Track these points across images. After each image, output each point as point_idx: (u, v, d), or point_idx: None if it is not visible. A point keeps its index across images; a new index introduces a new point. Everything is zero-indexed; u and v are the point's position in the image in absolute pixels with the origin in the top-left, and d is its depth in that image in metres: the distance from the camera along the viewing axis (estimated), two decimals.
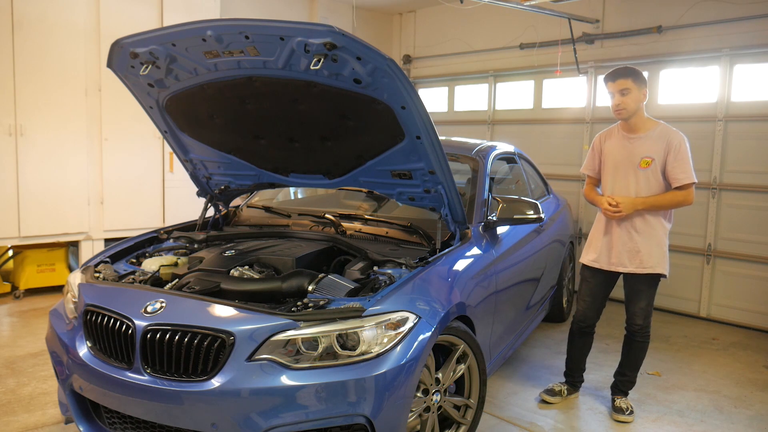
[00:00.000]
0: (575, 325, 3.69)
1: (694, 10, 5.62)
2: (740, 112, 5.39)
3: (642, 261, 3.39)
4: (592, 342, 3.75)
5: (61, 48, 5.50)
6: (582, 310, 3.63)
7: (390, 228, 3.39)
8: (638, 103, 3.34)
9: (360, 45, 2.42)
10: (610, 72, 3.38)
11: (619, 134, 3.49)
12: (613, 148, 3.48)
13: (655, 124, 3.41)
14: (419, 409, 2.69)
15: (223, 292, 2.67)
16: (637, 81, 3.32)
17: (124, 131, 5.91)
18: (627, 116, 3.37)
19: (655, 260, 3.38)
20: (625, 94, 3.32)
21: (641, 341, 3.54)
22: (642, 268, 3.40)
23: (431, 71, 8.14)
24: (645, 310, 3.47)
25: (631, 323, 3.53)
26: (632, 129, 3.42)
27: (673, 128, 3.39)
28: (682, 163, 3.30)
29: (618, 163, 3.44)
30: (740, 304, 5.47)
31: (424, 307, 2.60)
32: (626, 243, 3.41)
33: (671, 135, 3.34)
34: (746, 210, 5.40)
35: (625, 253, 3.41)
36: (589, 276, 3.60)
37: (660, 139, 3.35)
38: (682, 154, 3.30)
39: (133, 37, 2.80)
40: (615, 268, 3.46)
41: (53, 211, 5.58)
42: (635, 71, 3.32)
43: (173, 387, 2.35)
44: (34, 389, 3.68)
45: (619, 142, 3.47)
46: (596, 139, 3.62)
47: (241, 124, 3.15)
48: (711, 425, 3.51)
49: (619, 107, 3.35)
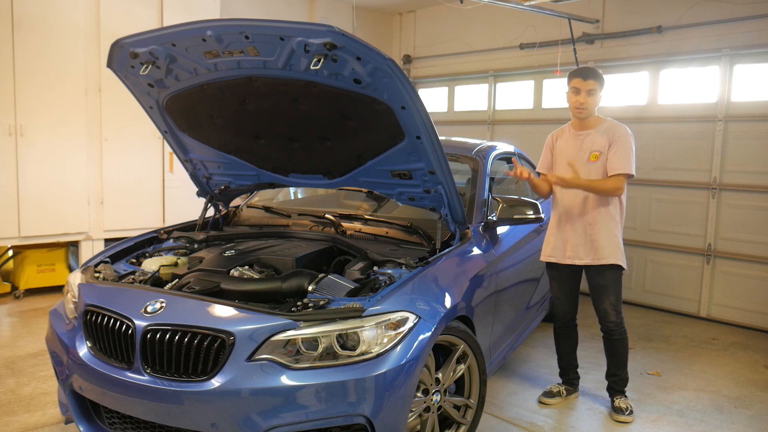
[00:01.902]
0: (557, 322, 3.77)
1: (694, 10, 5.62)
2: (740, 112, 5.39)
3: (597, 252, 3.45)
4: (576, 336, 3.80)
5: (61, 48, 5.50)
6: (559, 306, 3.71)
7: (390, 228, 3.39)
8: (597, 105, 3.48)
9: (360, 45, 2.42)
10: (581, 69, 3.48)
11: (570, 132, 3.60)
12: (565, 146, 3.58)
13: (603, 120, 3.54)
14: (419, 409, 2.69)
15: (223, 292, 2.67)
16: (601, 84, 3.46)
17: (124, 131, 5.91)
18: (586, 116, 3.48)
19: (609, 251, 3.44)
20: (590, 95, 3.44)
21: (619, 338, 3.57)
22: (597, 260, 3.46)
23: (431, 71, 8.14)
24: (614, 305, 3.51)
25: (605, 321, 3.55)
26: (583, 126, 3.54)
27: (619, 123, 3.51)
28: (620, 154, 3.39)
29: (570, 159, 3.50)
30: (740, 304, 5.47)
31: (424, 307, 2.60)
32: (580, 236, 3.48)
33: (616, 128, 3.47)
34: (746, 210, 5.40)
35: (580, 246, 3.48)
36: (554, 273, 3.67)
37: (606, 132, 3.47)
38: (624, 146, 3.40)
39: (133, 37, 2.80)
40: (572, 261, 3.53)
41: (53, 211, 5.58)
42: (602, 75, 3.47)
43: (173, 387, 2.35)
44: (34, 389, 3.68)
45: (570, 139, 3.58)
46: (549, 137, 3.72)
47: (241, 124, 3.15)
48: (711, 425, 3.51)
49: (582, 106, 3.45)
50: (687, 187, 5.73)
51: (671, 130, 5.79)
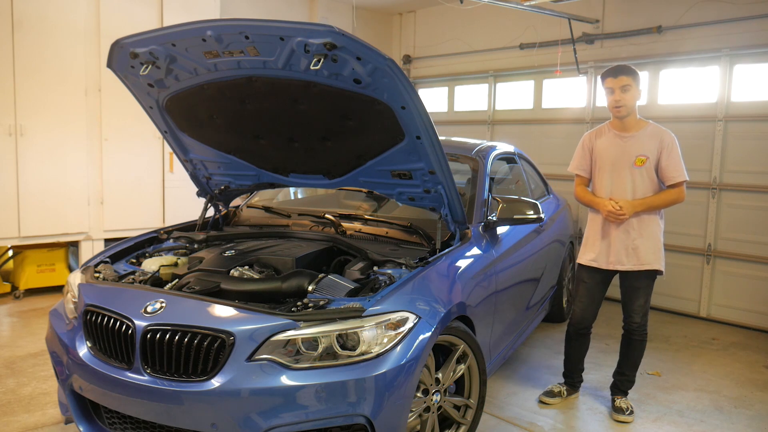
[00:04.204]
0: (572, 327, 3.69)
1: (694, 10, 5.62)
2: (740, 112, 5.39)
3: (639, 258, 3.41)
4: (589, 342, 3.76)
5: (61, 48, 5.50)
6: (579, 311, 3.64)
7: (390, 228, 3.39)
8: (635, 101, 3.39)
9: (360, 45, 2.42)
10: (612, 68, 3.40)
11: (611, 133, 3.51)
12: (607, 147, 3.49)
13: (646, 123, 3.47)
14: (419, 409, 2.69)
15: (223, 292, 2.67)
16: (636, 79, 3.37)
17: (124, 131, 5.91)
18: (626, 114, 3.40)
19: (652, 257, 3.41)
20: (625, 91, 3.35)
21: (639, 339, 3.55)
22: (640, 265, 3.42)
23: (431, 71, 8.14)
24: (643, 307, 3.49)
25: (630, 321, 3.53)
26: (625, 128, 3.45)
27: (664, 128, 3.44)
28: (674, 162, 3.35)
29: (613, 161, 3.45)
30: (740, 304, 5.47)
31: (424, 307, 2.60)
32: (624, 241, 3.42)
33: (663, 134, 3.40)
34: (746, 210, 5.40)
35: (623, 251, 3.43)
36: (587, 276, 3.60)
37: (653, 137, 3.39)
38: (675, 152, 3.36)
39: (133, 37, 2.80)
40: (613, 266, 3.47)
41: (53, 211, 5.58)
42: (634, 70, 3.38)
43: (173, 387, 2.35)
44: (34, 389, 3.68)
45: (611, 140, 3.48)
46: (586, 137, 3.62)
47: (241, 124, 3.15)
48: (711, 425, 3.51)
49: (619, 103, 3.37)
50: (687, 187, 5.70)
51: (671, 129, 5.76)
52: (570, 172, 3.71)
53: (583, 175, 3.62)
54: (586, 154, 3.59)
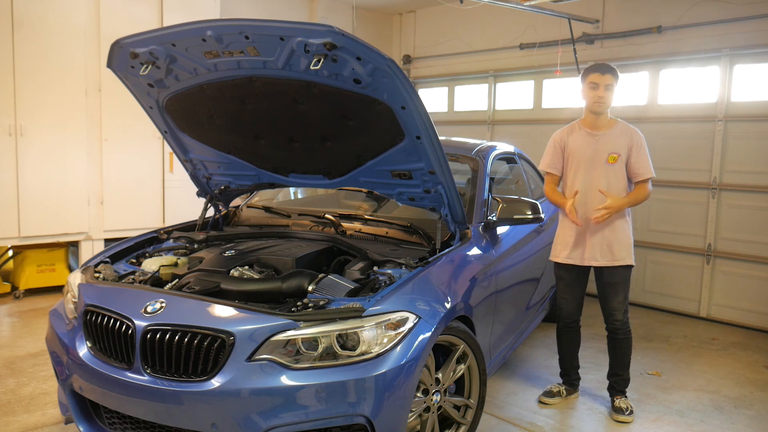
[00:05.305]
0: (561, 323, 3.76)
1: (694, 10, 5.62)
2: (740, 112, 5.39)
3: (614, 254, 3.48)
4: (580, 337, 3.80)
5: (61, 48, 5.50)
6: (565, 307, 3.70)
7: (390, 228, 3.39)
8: (612, 101, 3.49)
9: (360, 45, 2.42)
10: (598, 65, 3.47)
11: (582, 131, 3.56)
12: (580, 145, 3.54)
13: (616, 121, 3.55)
14: (419, 409, 2.69)
15: (223, 292, 2.67)
16: (617, 82, 3.48)
17: (124, 131, 5.91)
18: (603, 110, 3.49)
19: (625, 252, 3.49)
20: (608, 90, 3.44)
21: (624, 338, 3.58)
22: (614, 261, 3.48)
23: (431, 71, 8.14)
24: (623, 304, 3.53)
25: (612, 320, 3.56)
26: (597, 126, 3.52)
27: (631, 126, 3.53)
28: (644, 159, 3.46)
29: (588, 159, 3.49)
30: (740, 304, 5.47)
31: (424, 307, 2.60)
32: (598, 238, 3.48)
33: (633, 132, 3.49)
34: (746, 210, 5.40)
35: (597, 248, 3.49)
36: (564, 273, 3.66)
37: (623, 135, 3.48)
38: (644, 150, 3.47)
39: (133, 37, 2.80)
40: (588, 262, 3.54)
41: (53, 211, 5.58)
42: (617, 71, 3.48)
43: (173, 387, 2.35)
44: (34, 389, 3.68)
45: (584, 138, 3.54)
46: (557, 135, 3.66)
47: (241, 124, 3.15)
48: (711, 425, 3.51)
49: (601, 100, 3.44)
50: (687, 187, 5.73)
51: (671, 130, 5.79)
52: (541, 170, 3.75)
53: (554, 173, 3.65)
54: (558, 152, 3.63)
